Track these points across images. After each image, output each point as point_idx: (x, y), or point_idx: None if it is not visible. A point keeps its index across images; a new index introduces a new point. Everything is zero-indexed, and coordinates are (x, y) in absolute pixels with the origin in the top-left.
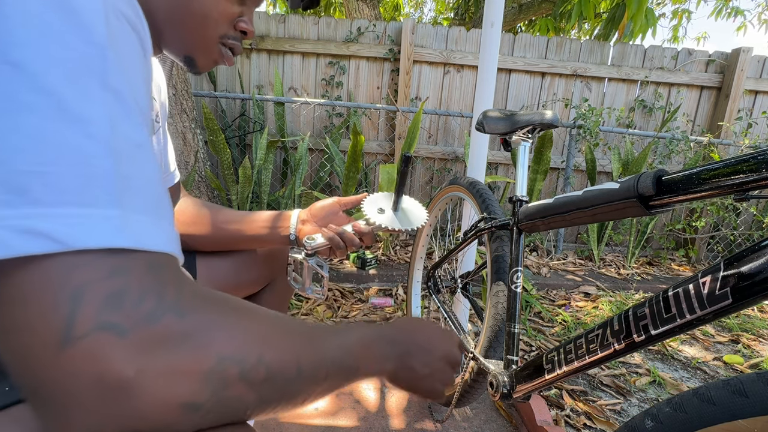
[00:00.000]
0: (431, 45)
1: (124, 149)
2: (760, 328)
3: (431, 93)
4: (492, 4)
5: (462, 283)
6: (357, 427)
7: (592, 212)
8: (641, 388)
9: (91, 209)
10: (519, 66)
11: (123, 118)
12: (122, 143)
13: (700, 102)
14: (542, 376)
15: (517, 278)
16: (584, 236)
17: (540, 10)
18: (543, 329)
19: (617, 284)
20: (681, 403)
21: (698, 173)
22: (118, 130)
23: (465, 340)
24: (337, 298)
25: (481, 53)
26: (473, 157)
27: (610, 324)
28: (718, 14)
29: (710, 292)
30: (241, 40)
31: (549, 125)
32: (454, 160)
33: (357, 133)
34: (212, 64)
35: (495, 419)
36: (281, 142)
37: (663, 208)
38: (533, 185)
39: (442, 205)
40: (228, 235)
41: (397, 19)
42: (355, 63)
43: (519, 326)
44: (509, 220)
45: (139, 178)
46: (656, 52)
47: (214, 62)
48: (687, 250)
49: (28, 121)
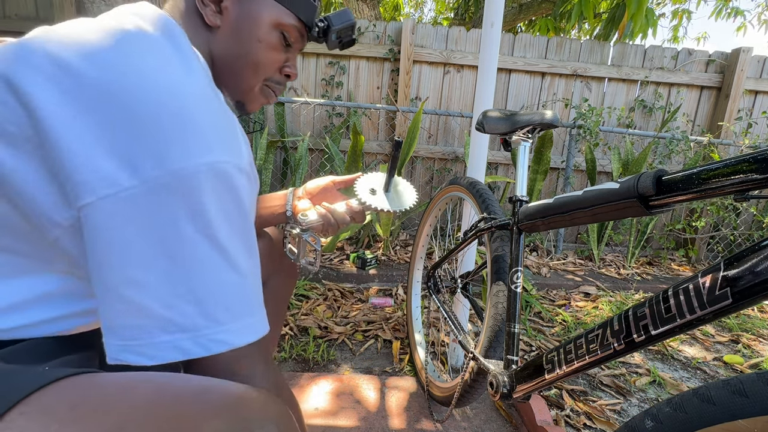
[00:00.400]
0: (431, 45)
1: (250, 276)
2: (760, 328)
3: (431, 93)
4: (492, 4)
5: (462, 283)
6: (357, 427)
7: (592, 212)
8: (641, 388)
9: (240, 322)
10: (519, 66)
11: (250, 257)
12: (251, 275)
13: (700, 102)
14: (542, 376)
15: (517, 278)
16: (584, 236)
17: (540, 10)
18: (543, 329)
19: (617, 284)
20: (681, 403)
21: (698, 173)
22: (250, 267)
23: (465, 340)
24: (337, 298)
25: (481, 53)
26: (473, 157)
27: (610, 324)
28: (718, 14)
29: (710, 292)
30: (285, 82)
31: (549, 125)
32: (454, 160)
33: (357, 133)
34: (259, 106)
35: (495, 419)
36: (281, 142)
37: (663, 208)
38: (533, 185)
39: (442, 205)
40: None
41: (397, 19)
42: (355, 63)
43: (519, 326)
44: (509, 220)
45: (257, 293)
46: (656, 52)
47: (260, 104)
48: (687, 250)
49: (213, 270)
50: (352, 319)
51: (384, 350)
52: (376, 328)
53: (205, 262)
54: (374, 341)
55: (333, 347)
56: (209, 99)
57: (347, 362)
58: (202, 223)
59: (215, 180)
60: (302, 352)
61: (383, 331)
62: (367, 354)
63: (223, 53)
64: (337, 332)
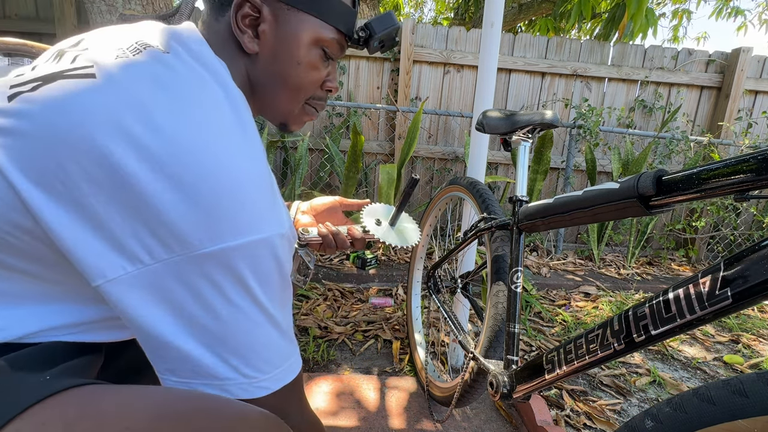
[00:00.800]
0: (431, 45)
1: (284, 324)
2: (760, 328)
3: (431, 93)
4: (492, 4)
5: (462, 283)
6: (357, 427)
7: (592, 212)
8: (641, 388)
9: (278, 370)
10: (519, 66)
11: (283, 307)
12: (284, 323)
13: (700, 102)
14: (542, 376)
15: (517, 278)
16: (584, 236)
17: (540, 10)
18: (543, 329)
19: (617, 284)
20: (681, 403)
21: (698, 173)
22: (284, 316)
23: (465, 340)
24: (337, 298)
25: (481, 53)
26: (473, 157)
27: (610, 324)
28: (718, 14)
29: (710, 292)
30: (326, 98)
31: (549, 125)
32: (454, 160)
33: (357, 133)
34: (302, 125)
35: (495, 419)
36: (281, 141)
37: (663, 208)
38: (533, 185)
39: (442, 205)
40: None
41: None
42: (355, 63)
43: (519, 326)
44: (509, 220)
45: (291, 335)
46: (656, 52)
47: (303, 123)
48: (687, 250)
49: (253, 325)
50: (352, 319)
51: (384, 350)
52: (376, 328)
53: (247, 323)
54: (374, 341)
55: (333, 347)
56: (261, 171)
57: (347, 362)
58: (243, 288)
59: (262, 251)
60: (302, 352)
61: (383, 331)
62: (367, 354)
63: (262, 79)
64: (337, 332)
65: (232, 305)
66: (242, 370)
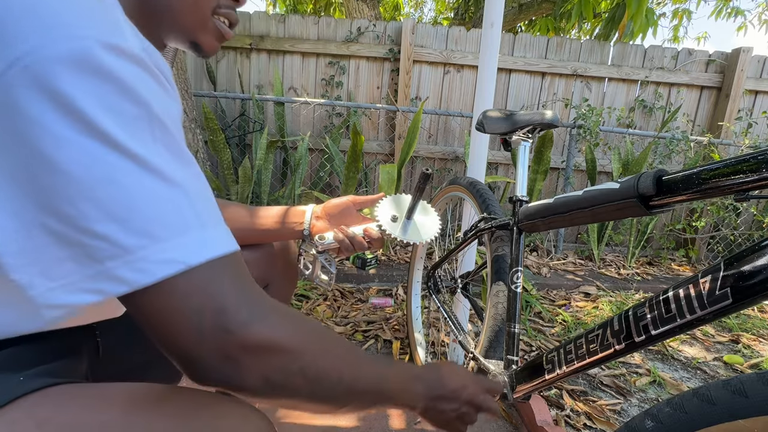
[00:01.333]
0: (431, 45)
1: (191, 187)
2: (760, 328)
3: (431, 93)
4: (492, 4)
5: (462, 283)
6: (357, 427)
7: (593, 212)
8: (641, 388)
9: (188, 236)
10: (519, 66)
11: (182, 165)
12: (191, 185)
13: (700, 102)
14: (542, 376)
15: (517, 278)
16: (584, 236)
17: (540, 10)
18: (543, 329)
19: (617, 284)
20: (681, 403)
21: (698, 173)
22: (186, 177)
23: (465, 340)
24: (337, 298)
25: (481, 53)
26: (473, 157)
27: (610, 324)
28: (718, 14)
29: (710, 292)
30: (234, 7)
31: (549, 125)
32: (454, 160)
33: (357, 133)
34: (216, 43)
35: (495, 419)
36: (281, 142)
37: (663, 208)
38: (533, 185)
39: (442, 205)
40: (236, 229)
41: (397, 19)
42: (355, 63)
43: (519, 326)
44: (509, 220)
45: (210, 207)
46: (656, 52)
47: (217, 40)
48: (687, 250)
49: (128, 184)
50: (352, 319)
51: (384, 350)
52: (376, 328)
53: (106, 170)
54: (374, 341)
55: None
56: None
57: None
58: (80, 120)
59: (75, 65)
60: None
61: (383, 331)
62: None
63: None
64: (337, 332)
65: (68, 143)
66: (122, 239)
